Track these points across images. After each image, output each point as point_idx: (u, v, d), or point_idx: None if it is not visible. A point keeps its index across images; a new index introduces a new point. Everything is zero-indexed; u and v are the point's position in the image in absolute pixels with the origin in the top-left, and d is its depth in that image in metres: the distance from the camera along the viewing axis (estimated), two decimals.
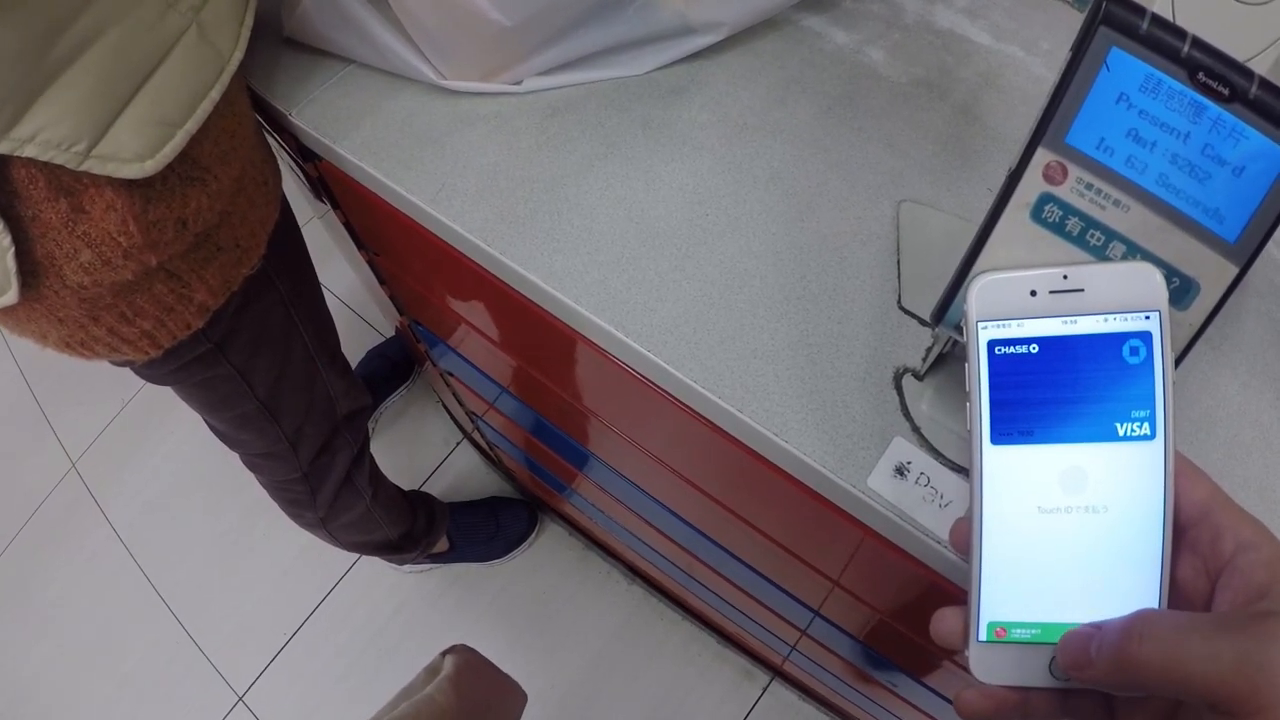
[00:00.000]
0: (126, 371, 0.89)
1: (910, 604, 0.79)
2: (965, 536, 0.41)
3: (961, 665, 0.41)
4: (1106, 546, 0.39)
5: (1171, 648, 0.33)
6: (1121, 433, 0.38)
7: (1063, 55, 0.42)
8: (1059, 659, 0.37)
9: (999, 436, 0.40)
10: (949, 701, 0.95)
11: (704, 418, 0.68)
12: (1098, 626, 0.36)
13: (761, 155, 0.75)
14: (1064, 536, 0.39)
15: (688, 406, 0.68)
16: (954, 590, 0.64)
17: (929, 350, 0.61)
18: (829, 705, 1.60)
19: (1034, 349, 0.39)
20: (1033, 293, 0.39)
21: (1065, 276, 0.39)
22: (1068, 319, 0.39)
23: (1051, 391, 0.39)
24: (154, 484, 2.02)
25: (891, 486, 0.60)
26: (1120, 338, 0.39)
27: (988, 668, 0.40)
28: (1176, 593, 0.39)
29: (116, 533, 1.97)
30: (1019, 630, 0.39)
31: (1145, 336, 0.38)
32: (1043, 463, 0.39)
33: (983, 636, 0.40)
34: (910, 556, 0.63)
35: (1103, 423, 0.39)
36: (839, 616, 0.99)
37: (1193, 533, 0.38)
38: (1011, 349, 0.40)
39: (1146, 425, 0.38)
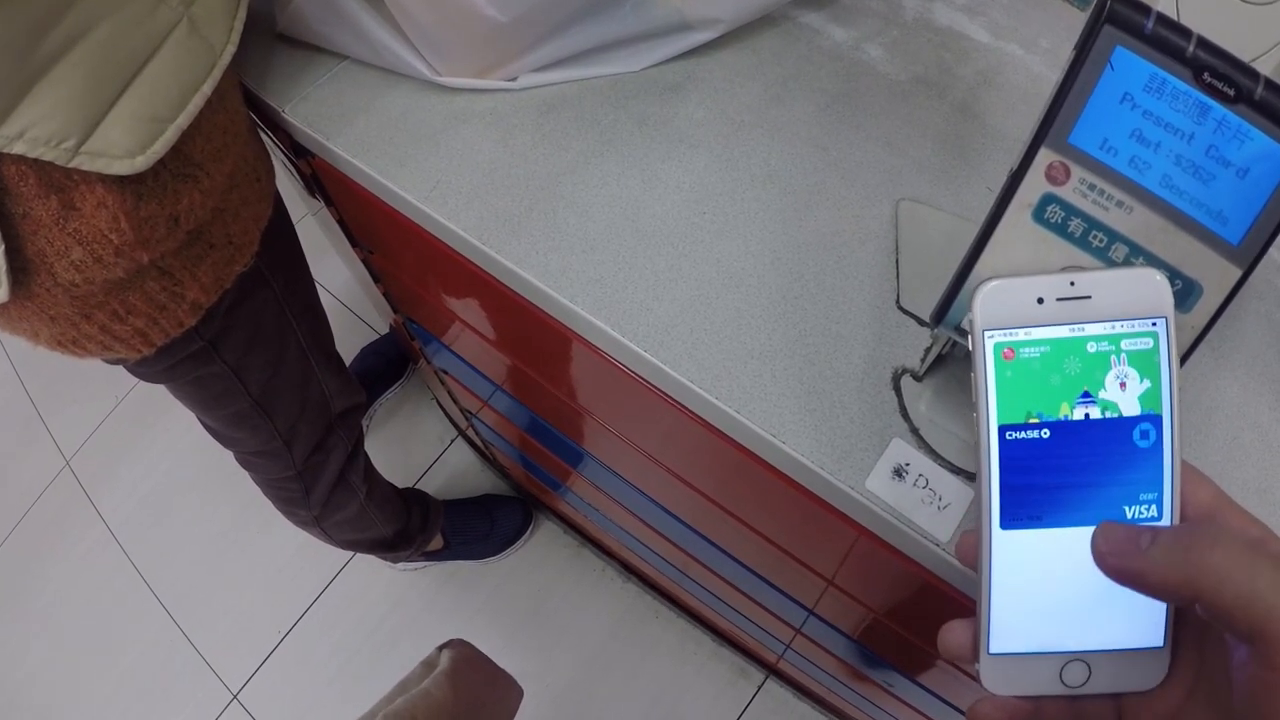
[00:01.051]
0: (120, 369, 0.88)
1: (907, 604, 0.79)
2: (973, 551, 0.40)
3: (968, 673, 0.40)
4: None
5: (1243, 565, 0.32)
6: (1134, 436, 0.38)
7: (1062, 53, 0.41)
8: (1097, 543, 0.36)
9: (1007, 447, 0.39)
10: (943, 700, 0.95)
11: (700, 418, 0.67)
12: (1146, 527, 0.35)
13: (759, 153, 0.74)
14: (1077, 540, 0.38)
15: (684, 407, 0.68)
16: (952, 592, 0.63)
17: (928, 351, 0.60)
18: (824, 704, 1.60)
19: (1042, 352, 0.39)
20: (1040, 300, 0.38)
21: (1073, 283, 0.38)
22: (1075, 326, 0.38)
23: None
24: (148, 482, 2.01)
25: (890, 488, 0.59)
26: (1130, 422, 0.38)
27: (999, 679, 0.39)
28: None
29: (111, 531, 1.96)
30: None
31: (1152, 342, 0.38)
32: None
33: (994, 649, 0.39)
34: (908, 559, 0.62)
35: (1111, 427, 0.38)
36: (834, 616, 0.98)
37: None
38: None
39: (1152, 432, 0.38)
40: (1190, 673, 0.37)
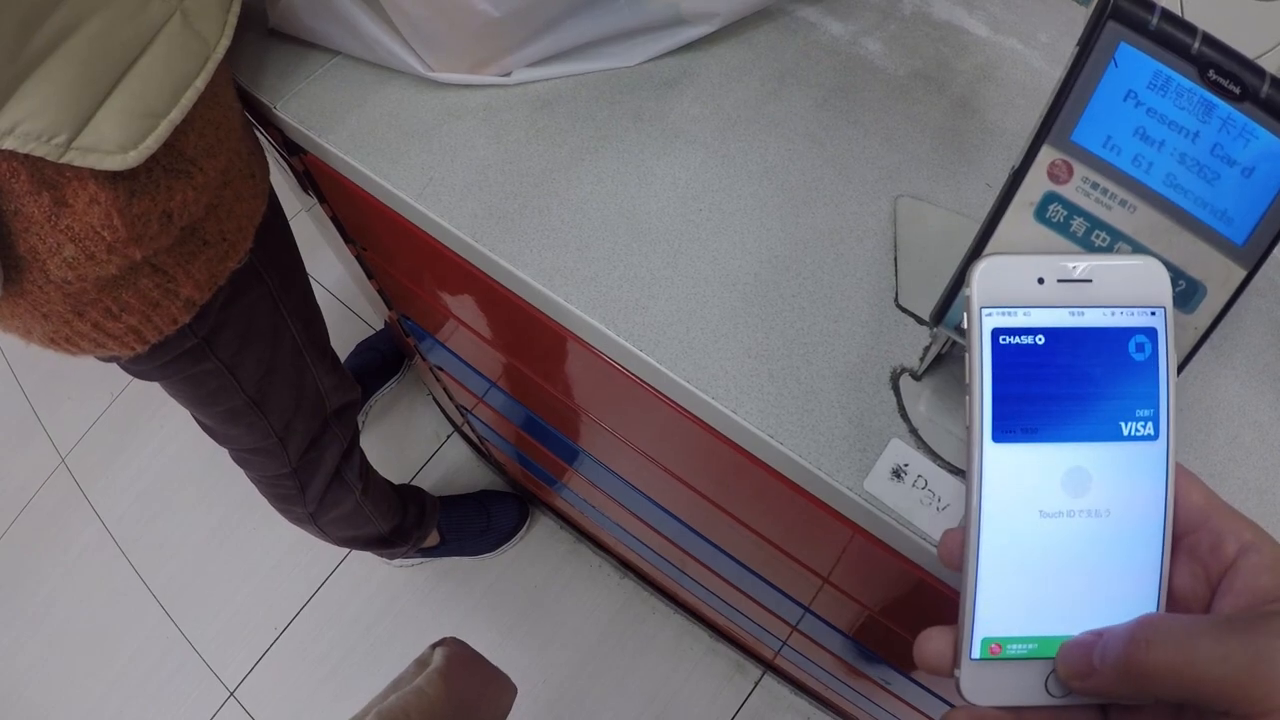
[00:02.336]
0: (115, 366, 0.88)
1: (904, 603, 0.79)
2: (956, 549, 0.38)
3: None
4: (1107, 553, 0.37)
5: (1181, 651, 0.32)
6: (1126, 432, 0.37)
7: (1061, 47, 0.41)
8: (1059, 669, 0.36)
9: (1001, 434, 0.37)
10: (940, 698, 0.95)
11: (696, 417, 0.67)
12: (1098, 634, 0.35)
13: (755, 149, 0.74)
14: (1065, 542, 0.37)
15: (680, 406, 0.67)
16: (949, 592, 0.63)
17: (927, 350, 0.60)
18: (821, 700, 1.60)
19: (1040, 340, 0.37)
20: (1040, 280, 0.37)
21: (1074, 266, 0.37)
22: (1075, 310, 0.37)
23: (1056, 387, 0.37)
24: (143, 479, 2.00)
25: (888, 489, 0.59)
26: (1126, 333, 0.37)
27: (980, 688, 0.38)
28: (1174, 600, 0.37)
29: (106, 529, 1.96)
30: (1015, 646, 0.37)
31: (1151, 333, 0.37)
32: (1045, 463, 0.37)
33: (976, 654, 0.38)
34: (906, 559, 0.62)
35: (1107, 421, 0.37)
36: (831, 613, 0.98)
37: (1191, 538, 0.37)
38: (1016, 339, 0.37)
39: (1150, 425, 0.37)
40: None
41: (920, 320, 0.65)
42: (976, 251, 0.45)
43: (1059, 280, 0.37)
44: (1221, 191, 0.40)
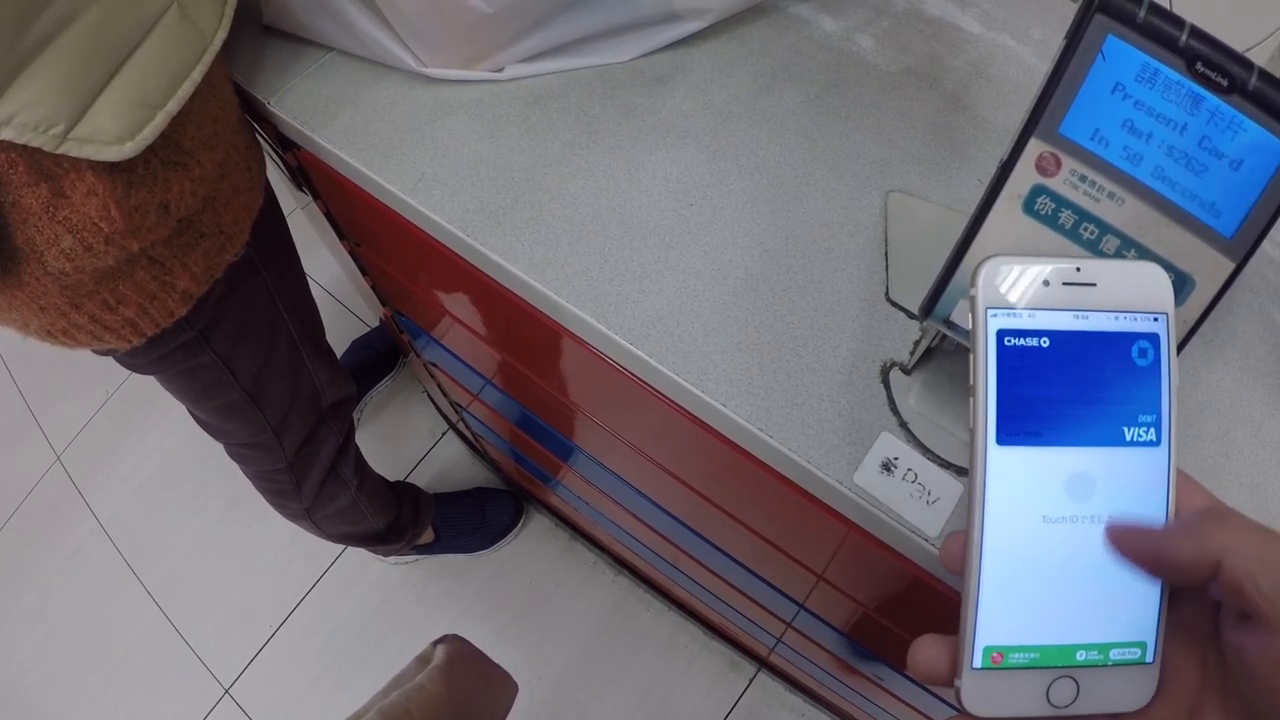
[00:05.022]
0: (111, 362, 0.88)
1: (897, 599, 0.79)
2: (959, 553, 0.38)
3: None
4: (1110, 559, 0.37)
5: (1258, 539, 0.32)
6: (1129, 437, 0.37)
7: (1054, 45, 0.41)
8: (1110, 535, 0.36)
9: (1005, 436, 0.37)
10: (935, 695, 0.95)
11: (687, 411, 0.67)
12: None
13: (747, 144, 0.74)
14: (1068, 549, 0.37)
15: (671, 400, 0.67)
16: (941, 587, 0.63)
17: (917, 344, 0.60)
18: (816, 697, 1.60)
19: (1044, 342, 0.37)
20: (1045, 282, 0.37)
21: (1079, 269, 0.37)
22: (1079, 314, 0.37)
23: (1059, 390, 0.37)
24: (139, 476, 2.00)
25: (878, 483, 0.59)
26: (1129, 337, 0.37)
27: (981, 699, 0.37)
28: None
29: (102, 526, 1.96)
30: (1017, 655, 0.37)
31: (1153, 338, 0.37)
32: (1049, 466, 0.37)
33: (978, 663, 0.37)
34: (897, 554, 0.62)
35: (1111, 426, 0.37)
36: (824, 610, 0.98)
37: None
38: (1021, 341, 0.37)
39: (1152, 431, 0.37)
40: (1188, 694, 0.36)
41: (910, 314, 0.65)
42: (965, 244, 0.45)
43: (1064, 283, 0.37)
44: (1210, 184, 0.40)
